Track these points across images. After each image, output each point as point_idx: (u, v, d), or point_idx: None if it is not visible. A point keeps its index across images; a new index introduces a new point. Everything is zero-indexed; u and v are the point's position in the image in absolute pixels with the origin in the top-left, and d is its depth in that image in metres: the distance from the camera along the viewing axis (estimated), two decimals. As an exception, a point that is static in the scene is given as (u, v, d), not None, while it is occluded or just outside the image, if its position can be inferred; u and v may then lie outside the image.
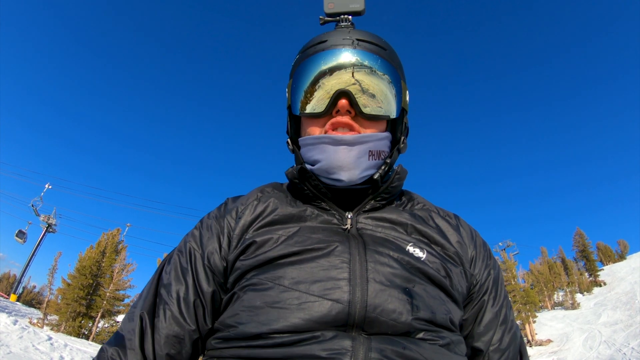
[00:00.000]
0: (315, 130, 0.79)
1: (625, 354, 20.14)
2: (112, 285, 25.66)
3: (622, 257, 55.59)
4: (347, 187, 0.77)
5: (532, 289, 36.49)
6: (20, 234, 41.01)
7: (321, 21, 0.90)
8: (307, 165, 0.79)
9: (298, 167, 0.80)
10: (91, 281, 25.24)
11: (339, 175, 0.74)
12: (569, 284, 41.37)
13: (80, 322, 23.50)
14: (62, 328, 22.78)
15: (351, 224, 0.76)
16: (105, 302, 24.58)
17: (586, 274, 46.30)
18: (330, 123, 0.76)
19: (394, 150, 0.82)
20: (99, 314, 24.26)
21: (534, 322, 31.99)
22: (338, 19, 0.88)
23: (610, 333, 25.15)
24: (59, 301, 25.30)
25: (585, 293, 41.06)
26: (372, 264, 0.66)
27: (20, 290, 44.13)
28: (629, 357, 19.40)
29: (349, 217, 0.77)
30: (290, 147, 0.86)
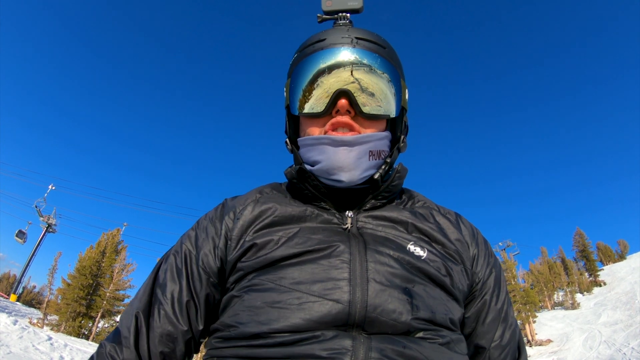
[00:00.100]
0: (314, 130, 0.78)
1: (625, 354, 20.14)
2: (112, 285, 25.69)
3: (622, 257, 55.59)
4: (347, 187, 0.76)
5: (532, 289, 36.49)
6: (20, 234, 41.03)
7: (319, 19, 0.89)
8: (306, 166, 0.78)
9: (297, 167, 0.79)
10: (91, 281, 25.27)
11: (339, 176, 0.73)
12: (569, 284, 41.38)
13: (80, 322, 23.53)
14: (62, 328, 22.80)
15: (351, 223, 0.75)
16: (105, 302, 24.61)
17: (586, 274, 46.31)
18: (330, 123, 0.75)
19: (394, 150, 0.82)
20: (99, 314, 24.29)
21: (534, 322, 31.99)
22: (336, 16, 0.87)
23: (610, 333, 25.15)
24: (59, 301, 25.34)
25: (585, 293, 41.07)
26: (373, 264, 0.66)
27: (20, 290, 44.15)
28: (629, 357, 19.40)
29: (349, 217, 0.76)
30: (289, 147, 0.85)
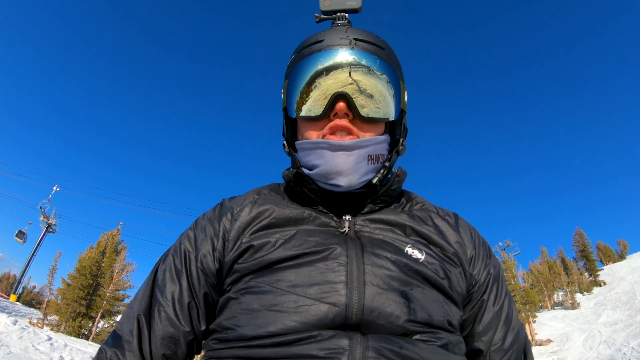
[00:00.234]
0: (312, 134, 0.77)
1: (625, 353, 20.15)
2: (112, 285, 25.69)
3: (622, 257, 55.65)
4: (346, 192, 0.75)
5: (532, 289, 36.52)
6: (20, 234, 41.04)
7: (317, 19, 0.88)
8: (304, 170, 0.77)
9: (294, 171, 0.78)
10: (91, 281, 25.26)
11: (338, 180, 0.72)
12: (569, 283, 41.43)
13: (80, 322, 23.52)
14: (62, 328, 22.80)
15: (349, 226, 0.75)
16: (105, 302, 24.61)
17: (586, 273, 46.38)
18: (328, 127, 0.74)
19: (393, 153, 0.81)
20: (99, 314, 24.29)
21: (534, 322, 32.03)
22: (334, 16, 0.86)
23: (610, 333, 25.16)
24: (59, 301, 25.35)
25: (585, 293, 41.11)
26: (370, 267, 0.66)
27: (20, 290, 44.17)
28: (629, 357, 19.41)
29: (347, 220, 0.76)
30: (287, 149, 0.84)
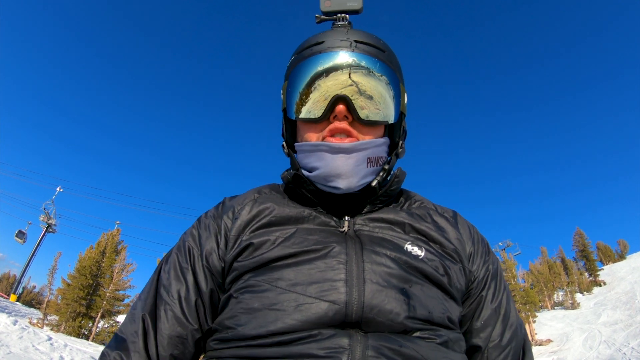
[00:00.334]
0: (312, 136, 0.77)
1: (625, 353, 20.14)
2: (112, 285, 25.67)
3: (622, 257, 55.63)
4: (345, 194, 0.76)
5: (532, 289, 36.50)
6: (20, 234, 41.03)
7: (317, 20, 0.88)
8: (303, 172, 0.77)
9: (292, 172, 0.79)
10: (91, 281, 25.24)
11: (337, 183, 0.72)
12: (569, 283, 41.40)
13: (80, 322, 23.50)
14: (62, 328, 22.79)
15: (348, 225, 0.75)
16: (105, 302, 24.59)
17: (586, 273, 46.36)
18: (328, 129, 0.74)
19: (392, 155, 0.81)
20: (99, 314, 24.27)
21: (534, 322, 32.02)
22: (335, 17, 0.86)
23: (610, 333, 25.15)
24: (59, 301, 25.33)
25: (585, 293, 41.09)
26: (369, 265, 0.66)
27: (20, 290, 44.18)
28: (629, 357, 19.40)
29: (346, 219, 0.76)
30: (286, 150, 0.85)
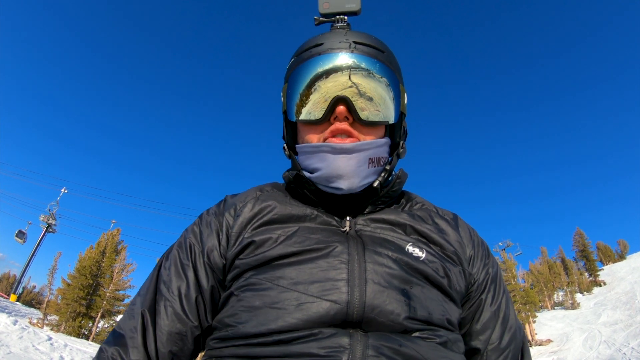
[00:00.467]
0: (312, 137, 0.77)
1: (625, 353, 20.15)
2: (112, 285, 25.70)
3: (622, 257, 55.63)
4: (347, 194, 0.76)
5: (532, 289, 36.50)
6: (20, 234, 41.10)
7: (316, 22, 0.88)
8: (305, 173, 0.77)
9: (294, 173, 0.79)
10: (91, 281, 25.27)
11: (339, 184, 0.73)
12: (569, 284, 41.42)
13: (80, 322, 23.53)
14: (62, 328, 22.80)
15: (350, 225, 0.76)
16: (105, 302, 24.62)
17: (586, 274, 46.37)
18: (329, 130, 0.75)
19: (394, 156, 0.82)
20: (99, 314, 24.29)
21: (534, 322, 32.02)
22: (333, 19, 0.86)
23: (610, 333, 25.16)
24: (59, 301, 25.35)
25: (585, 293, 41.10)
26: (371, 265, 0.66)
27: (20, 290, 44.22)
28: (629, 357, 19.41)
29: (348, 219, 0.77)
30: (287, 152, 0.85)
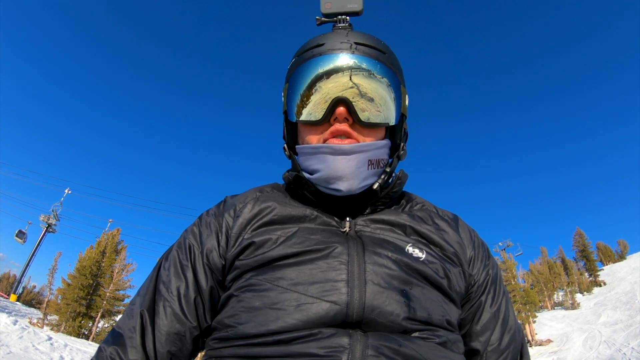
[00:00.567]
0: (312, 138, 0.77)
1: (625, 354, 20.16)
2: (112, 285, 25.70)
3: (622, 257, 55.65)
4: (346, 196, 0.76)
5: (532, 289, 36.52)
6: (20, 234, 41.13)
7: (318, 22, 0.88)
8: (305, 174, 0.77)
9: (293, 174, 0.79)
10: (91, 281, 25.27)
11: (338, 185, 0.73)
12: (569, 284, 41.45)
13: (80, 322, 23.53)
14: (62, 328, 22.81)
15: (350, 226, 0.76)
16: (105, 302, 24.63)
17: (586, 274, 46.39)
18: (329, 131, 0.75)
19: (394, 158, 0.81)
20: (99, 314, 24.30)
21: (534, 322, 32.02)
22: (335, 19, 0.86)
23: (610, 333, 25.16)
24: (59, 301, 25.35)
25: (585, 293, 41.12)
26: (371, 266, 0.66)
27: (20, 290, 44.21)
28: (629, 357, 19.41)
29: (348, 220, 0.77)
30: (287, 152, 0.85)
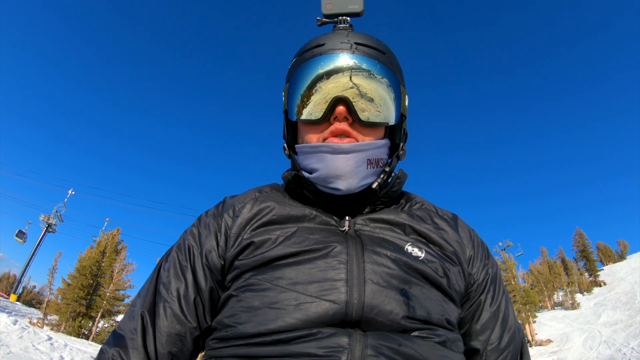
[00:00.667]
0: (312, 137, 0.77)
1: (625, 354, 20.15)
2: (112, 285, 25.70)
3: (622, 257, 55.67)
4: (345, 195, 0.76)
5: (532, 289, 36.52)
6: (20, 234, 41.10)
7: (319, 22, 0.88)
8: (304, 173, 0.78)
9: (293, 173, 0.79)
10: (91, 281, 25.27)
11: (337, 184, 0.73)
12: (569, 284, 41.45)
13: (80, 322, 23.53)
14: (62, 328, 22.81)
15: (349, 225, 0.76)
16: (105, 302, 24.62)
17: (586, 274, 46.40)
18: (328, 131, 0.75)
19: (393, 157, 0.82)
20: (99, 314, 24.30)
21: (534, 322, 32.03)
22: (336, 20, 0.86)
23: (610, 333, 25.16)
24: (59, 301, 25.35)
25: (585, 293, 41.12)
26: (370, 265, 0.66)
27: (20, 290, 44.22)
28: (629, 357, 19.41)
29: (347, 219, 0.77)
30: (287, 152, 0.85)
